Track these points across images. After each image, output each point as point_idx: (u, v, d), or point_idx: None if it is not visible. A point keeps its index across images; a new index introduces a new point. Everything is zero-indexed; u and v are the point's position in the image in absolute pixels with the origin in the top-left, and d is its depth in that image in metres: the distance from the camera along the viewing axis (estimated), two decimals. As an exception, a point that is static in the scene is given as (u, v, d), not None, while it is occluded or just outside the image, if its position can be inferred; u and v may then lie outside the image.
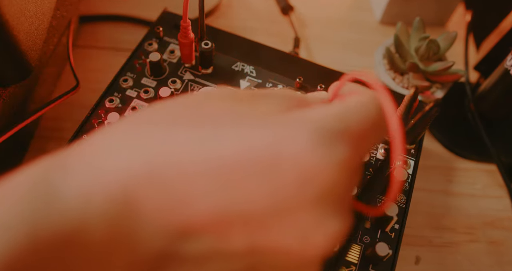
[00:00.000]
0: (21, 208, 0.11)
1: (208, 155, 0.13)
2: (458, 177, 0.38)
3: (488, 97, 0.39)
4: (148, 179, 0.12)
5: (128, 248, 0.12)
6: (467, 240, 0.35)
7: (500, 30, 0.41)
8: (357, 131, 0.14)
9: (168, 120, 0.14)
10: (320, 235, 0.13)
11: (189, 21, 0.30)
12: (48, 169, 0.13)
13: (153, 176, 0.12)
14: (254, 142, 0.13)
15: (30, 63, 0.31)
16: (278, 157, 0.13)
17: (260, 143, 0.13)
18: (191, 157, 0.12)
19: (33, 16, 0.31)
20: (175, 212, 0.12)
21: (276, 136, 0.13)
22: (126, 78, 0.32)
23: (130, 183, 0.12)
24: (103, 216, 0.12)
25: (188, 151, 0.13)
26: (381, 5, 0.46)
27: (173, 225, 0.12)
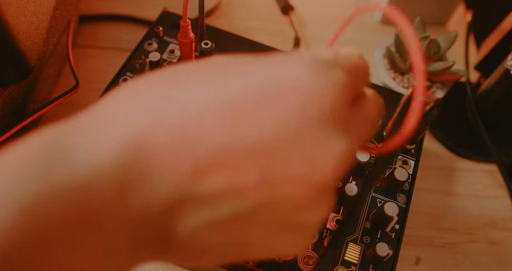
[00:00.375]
0: (36, 162, 0.12)
1: (214, 94, 0.13)
2: (458, 177, 0.38)
3: (489, 97, 0.39)
4: (157, 125, 0.13)
5: (142, 192, 0.12)
6: (467, 240, 0.35)
7: (501, 30, 0.40)
8: (349, 65, 0.15)
9: (180, 74, 0.14)
10: (328, 156, 0.13)
11: (189, 21, 0.30)
12: (60, 132, 0.13)
13: (162, 121, 0.13)
14: (256, 78, 0.14)
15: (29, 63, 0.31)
16: (279, 86, 0.13)
17: (261, 78, 0.14)
18: (197, 99, 0.13)
19: (33, 16, 0.31)
20: (186, 153, 0.13)
21: (276, 70, 0.14)
22: (126, 78, 0.32)
23: (140, 132, 0.13)
24: (114, 163, 0.12)
25: (196, 94, 0.13)
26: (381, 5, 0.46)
27: (185, 166, 0.13)
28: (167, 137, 0.13)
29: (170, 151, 0.13)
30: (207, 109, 0.13)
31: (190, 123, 0.13)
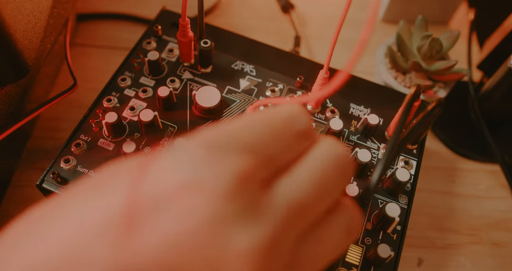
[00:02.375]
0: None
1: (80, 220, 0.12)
2: (461, 177, 0.38)
3: (492, 97, 0.38)
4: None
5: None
6: (470, 241, 0.35)
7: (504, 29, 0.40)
8: (254, 143, 0.12)
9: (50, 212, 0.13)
10: (234, 257, 0.11)
11: (188, 20, 0.29)
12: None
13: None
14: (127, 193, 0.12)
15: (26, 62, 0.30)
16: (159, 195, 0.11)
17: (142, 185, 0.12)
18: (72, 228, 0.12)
19: (30, 15, 0.30)
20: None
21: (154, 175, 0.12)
22: (124, 78, 0.31)
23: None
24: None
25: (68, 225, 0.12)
26: (383, 3, 0.46)
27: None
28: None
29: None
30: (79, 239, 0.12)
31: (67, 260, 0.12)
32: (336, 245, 0.14)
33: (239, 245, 0.11)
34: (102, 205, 0.12)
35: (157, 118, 0.29)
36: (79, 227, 0.12)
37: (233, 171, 0.12)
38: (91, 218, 0.12)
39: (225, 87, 0.32)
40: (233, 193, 0.11)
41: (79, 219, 0.12)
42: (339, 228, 0.14)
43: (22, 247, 0.12)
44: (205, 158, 0.12)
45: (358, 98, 0.32)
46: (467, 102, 0.41)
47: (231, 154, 0.12)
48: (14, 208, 0.33)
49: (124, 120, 0.30)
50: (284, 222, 0.12)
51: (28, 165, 0.35)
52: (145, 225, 0.11)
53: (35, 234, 0.13)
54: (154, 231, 0.11)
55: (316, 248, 0.13)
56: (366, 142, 0.30)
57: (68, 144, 0.28)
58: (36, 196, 0.33)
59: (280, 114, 0.13)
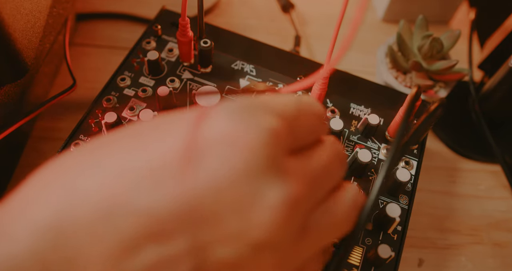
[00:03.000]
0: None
1: (130, 161, 0.12)
2: (462, 177, 0.38)
3: (493, 97, 0.38)
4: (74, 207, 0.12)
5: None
6: (471, 242, 0.35)
7: (505, 28, 0.40)
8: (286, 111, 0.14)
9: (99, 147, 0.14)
10: (263, 209, 0.12)
11: (188, 19, 0.29)
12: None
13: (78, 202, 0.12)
14: (174, 138, 0.13)
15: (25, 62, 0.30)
16: (200, 143, 0.12)
17: (179, 137, 0.13)
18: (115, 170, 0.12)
19: (29, 14, 0.30)
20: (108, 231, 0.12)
21: (195, 125, 0.13)
22: (124, 77, 0.31)
23: (57, 216, 0.12)
24: (32, 253, 0.11)
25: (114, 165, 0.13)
26: (384, 3, 0.46)
27: (110, 246, 0.12)
28: (85, 217, 0.12)
29: (90, 232, 0.12)
30: (124, 178, 0.12)
31: (108, 196, 0.12)
32: (343, 219, 0.15)
33: (270, 198, 0.12)
34: (159, 147, 0.13)
35: (157, 118, 0.29)
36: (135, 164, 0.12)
37: (271, 129, 0.13)
38: (146, 159, 0.12)
39: (225, 87, 0.32)
40: (268, 149, 0.13)
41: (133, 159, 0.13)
42: (346, 203, 0.15)
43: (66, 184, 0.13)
44: (248, 114, 0.13)
45: (359, 98, 0.32)
46: (467, 102, 0.41)
47: (270, 115, 0.13)
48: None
49: (124, 120, 0.30)
50: (305, 187, 0.13)
51: (28, 165, 0.34)
52: (195, 169, 0.12)
53: (86, 167, 0.13)
54: (201, 176, 0.12)
55: (326, 219, 0.15)
56: (366, 141, 0.30)
57: (67, 144, 0.28)
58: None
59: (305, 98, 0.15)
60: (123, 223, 0.12)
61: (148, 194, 0.12)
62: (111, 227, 0.12)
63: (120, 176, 0.12)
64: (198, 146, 0.12)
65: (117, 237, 0.12)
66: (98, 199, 0.12)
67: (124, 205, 0.12)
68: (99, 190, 0.12)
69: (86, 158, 0.13)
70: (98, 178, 0.12)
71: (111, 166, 0.13)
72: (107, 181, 0.12)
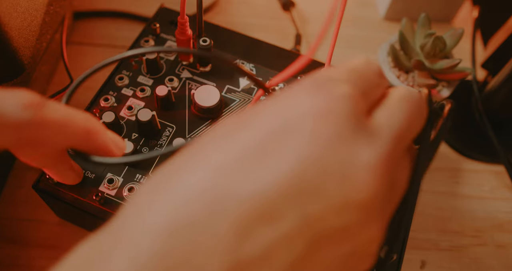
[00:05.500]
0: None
1: (227, 152, 0.13)
2: (465, 178, 0.37)
3: (496, 96, 0.38)
4: (186, 204, 0.12)
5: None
6: (474, 243, 0.34)
7: (508, 27, 0.39)
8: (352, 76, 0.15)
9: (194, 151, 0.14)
10: (359, 170, 0.13)
11: (187, 17, 0.29)
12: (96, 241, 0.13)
13: (188, 200, 0.13)
14: (262, 123, 0.14)
15: (22, 61, 0.30)
16: (287, 121, 0.13)
17: (267, 120, 0.14)
18: (214, 163, 0.13)
19: (25, 12, 0.30)
20: (222, 220, 0.12)
21: (280, 107, 0.14)
22: (122, 77, 0.31)
23: (170, 219, 0.12)
24: (152, 255, 0.12)
25: (212, 160, 0.13)
26: (386, 1, 0.45)
27: (226, 234, 0.12)
28: (195, 213, 0.12)
29: (202, 226, 0.12)
30: (222, 168, 0.13)
31: (210, 189, 0.13)
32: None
33: (365, 159, 0.13)
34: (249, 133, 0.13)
35: (155, 118, 0.28)
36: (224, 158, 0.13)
37: (347, 95, 0.14)
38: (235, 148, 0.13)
39: (224, 87, 0.31)
40: (351, 114, 0.13)
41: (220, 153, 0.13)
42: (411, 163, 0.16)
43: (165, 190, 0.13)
44: (322, 87, 0.14)
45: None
46: (471, 102, 0.41)
47: (341, 83, 0.14)
48: (10, 209, 0.32)
49: (122, 120, 0.29)
50: (391, 144, 0.14)
51: (24, 165, 0.34)
52: (290, 146, 0.13)
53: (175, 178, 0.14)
54: (297, 151, 0.13)
55: (404, 173, 0.15)
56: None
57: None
58: (32, 197, 0.32)
59: (360, 60, 0.16)
60: (232, 212, 0.12)
61: (250, 178, 0.12)
62: (221, 217, 0.12)
63: (217, 168, 0.13)
64: (286, 126, 0.13)
65: (229, 226, 0.12)
66: (202, 194, 0.13)
67: (229, 193, 0.12)
68: (201, 186, 0.13)
69: (181, 160, 0.14)
70: (199, 174, 0.13)
71: (207, 160, 0.13)
72: (206, 174, 0.13)
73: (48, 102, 0.18)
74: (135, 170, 0.27)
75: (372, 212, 0.13)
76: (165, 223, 0.12)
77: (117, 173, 0.27)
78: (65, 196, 0.26)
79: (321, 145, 0.13)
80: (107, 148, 0.21)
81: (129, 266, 0.12)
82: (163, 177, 0.14)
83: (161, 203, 0.13)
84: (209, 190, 0.13)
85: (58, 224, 0.32)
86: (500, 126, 0.39)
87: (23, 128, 0.17)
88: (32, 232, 0.31)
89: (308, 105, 0.13)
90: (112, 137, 0.21)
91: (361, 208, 0.13)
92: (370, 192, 0.13)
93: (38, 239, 0.31)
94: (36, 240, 0.31)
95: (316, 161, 0.13)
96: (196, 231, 0.12)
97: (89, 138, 0.20)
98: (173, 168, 0.14)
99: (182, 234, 0.12)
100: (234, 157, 0.13)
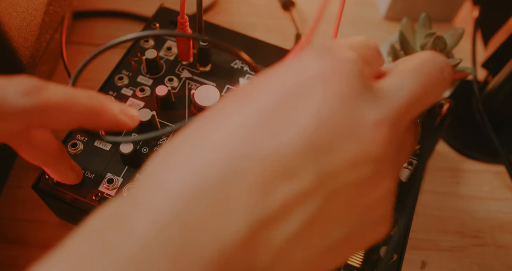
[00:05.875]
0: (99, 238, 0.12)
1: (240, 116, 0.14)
2: (465, 178, 0.37)
3: (497, 96, 0.38)
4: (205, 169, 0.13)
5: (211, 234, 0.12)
6: (475, 243, 0.34)
7: (509, 27, 0.39)
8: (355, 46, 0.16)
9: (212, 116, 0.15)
10: (369, 125, 0.14)
11: (187, 17, 0.29)
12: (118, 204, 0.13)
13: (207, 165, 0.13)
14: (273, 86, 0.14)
15: (21, 61, 0.30)
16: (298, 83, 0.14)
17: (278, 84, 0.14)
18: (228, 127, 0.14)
19: (25, 12, 0.30)
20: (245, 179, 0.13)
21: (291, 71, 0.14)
22: (122, 76, 0.31)
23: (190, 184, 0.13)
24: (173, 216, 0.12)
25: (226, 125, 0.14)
26: (386, 1, 0.45)
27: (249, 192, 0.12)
28: (214, 175, 0.13)
29: (222, 187, 0.12)
30: (239, 131, 0.13)
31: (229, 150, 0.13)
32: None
33: (373, 116, 0.14)
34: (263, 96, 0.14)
35: (155, 118, 0.28)
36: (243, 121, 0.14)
37: (353, 59, 0.15)
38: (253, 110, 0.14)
39: (224, 86, 0.31)
40: (358, 75, 0.14)
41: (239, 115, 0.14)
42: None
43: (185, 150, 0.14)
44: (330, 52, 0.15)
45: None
46: (471, 102, 0.40)
47: (347, 49, 0.15)
48: (9, 209, 0.32)
49: (121, 120, 0.29)
50: (397, 110, 0.15)
51: (23, 165, 0.34)
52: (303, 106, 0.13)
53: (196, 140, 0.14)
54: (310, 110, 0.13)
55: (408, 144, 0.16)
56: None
57: (64, 144, 0.28)
58: (31, 197, 0.32)
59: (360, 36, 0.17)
60: (253, 171, 0.13)
61: (269, 138, 0.13)
62: (242, 177, 0.13)
63: (236, 130, 0.13)
64: (298, 87, 0.14)
65: (250, 185, 0.12)
66: (222, 155, 0.13)
67: (249, 153, 0.13)
68: (220, 147, 0.13)
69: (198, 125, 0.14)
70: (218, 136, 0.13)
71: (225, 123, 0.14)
72: (225, 136, 0.13)
73: (48, 85, 0.18)
74: (135, 170, 0.27)
75: (382, 165, 0.14)
76: (184, 185, 0.13)
77: (117, 173, 0.27)
78: (65, 196, 0.26)
79: (331, 104, 0.13)
80: (118, 121, 0.20)
81: (150, 228, 0.12)
82: (179, 142, 0.14)
83: (180, 166, 0.13)
84: (229, 151, 0.13)
85: (57, 224, 0.32)
86: (501, 126, 0.39)
87: (27, 115, 0.17)
88: (32, 232, 0.31)
89: (317, 68, 0.14)
90: (121, 109, 0.21)
91: (372, 161, 0.14)
92: (380, 146, 0.14)
93: (38, 239, 0.31)
94: (36, 240, 0.31)
95: (328, 119, 0.13)
96: (217, 192, 0.12)
97: (96, 115, 0.19)
98: (190, 132, 0.14)
99: (203, 195, 0.12)
100: (252, 118, 0.13)
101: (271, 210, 0.12)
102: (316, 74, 0.14)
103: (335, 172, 0.13)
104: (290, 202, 0.13)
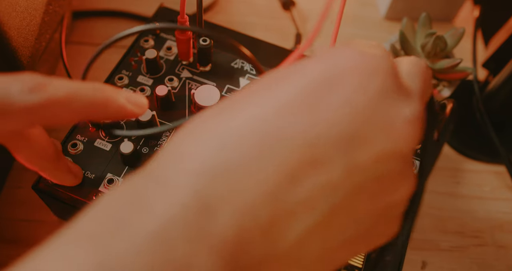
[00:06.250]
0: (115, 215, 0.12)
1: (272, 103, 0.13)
2: (466, 178, 0.37)
3: (497, 96, 0.38)
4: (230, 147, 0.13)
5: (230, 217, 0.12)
6: (475, 244, 0.34)
7: (509, 26, 0.39)
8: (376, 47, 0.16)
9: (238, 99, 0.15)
10: (403, 123, 0.14)
11: (187, 17, 0.29)
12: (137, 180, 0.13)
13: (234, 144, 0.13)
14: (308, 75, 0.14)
15: (21, 61, 0.30)
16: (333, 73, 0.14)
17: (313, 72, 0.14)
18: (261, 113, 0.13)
19: (24, 12, 0.30)
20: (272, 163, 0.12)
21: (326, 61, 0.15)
22: (122, 76, 0.31)
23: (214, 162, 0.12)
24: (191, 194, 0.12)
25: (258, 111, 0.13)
26: (386, 0, 0.45)
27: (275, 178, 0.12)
28: (240, 157, 0.12)
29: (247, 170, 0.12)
30: (274, 112, 0.13)
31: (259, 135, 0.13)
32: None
33: (406, 113, 0.14)
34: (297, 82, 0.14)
35: (155, 118, 0.28)
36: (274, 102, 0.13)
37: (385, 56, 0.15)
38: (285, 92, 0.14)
39: (224, 86, 0.31)
40: (392, 73, 0.14)
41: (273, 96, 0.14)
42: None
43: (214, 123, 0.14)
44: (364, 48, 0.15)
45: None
46: (472, 102, 0.40)
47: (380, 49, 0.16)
48: (9, 210, 0.32)
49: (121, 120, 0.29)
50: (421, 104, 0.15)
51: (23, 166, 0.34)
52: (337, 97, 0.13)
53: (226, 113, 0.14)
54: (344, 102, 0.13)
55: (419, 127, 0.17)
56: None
57: (64, 144, 0.28)
58: (31, 197, 0.32)
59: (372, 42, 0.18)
60: (281, 156, 0.12)
61: (300, 124, 0.13)
62: (269, 161, 0.12)
63: (267, 112, 0.13)
64: (334, 78, 0.14)
65: (277, 170, 0.12)
66: (249, 137, 0.13)
67: (279, 137, 0.13)
68: (249, 131, 0.13)
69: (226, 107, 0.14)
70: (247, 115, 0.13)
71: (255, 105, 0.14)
72: (255, 118, 0.13)
73: (52, 81, 0.18)
74: (135, 170, 0.27)
75: (408, 163, 0.14)
76: (206, 165, 0.12)
77: (117, 173, 0.27)
78: (65, 196, 0.26)
79: (367, 97, 0.13)
80: (125, 111, 0.20)
81: (170, 205, 0.12)
82: (200, 122, 0.14)
83: (202, 146, 0.13)
84: (257, 134, 0.13)
85: (57, 224, 0.32)
86: (501, 126, 0.39)
87: (33, 111, 0.17)
88: (32, 232, 0.31)
89: (355, 61, 0.14)
90: (128, 98, 0.20)
91: (402, 158, 0.14)
92: (409, 144, 0.14)
93: (38, 239, 0.31)
94: (35, 240, 0.31)
95: (363, 111, 0.13)
96: (241, 174, 0.12)
97: (102, 107, 0.19)
98: (214, 113, 0.14)
99: (226, 176, 0.12)
100: (284, 102, 0.13)
101: (295, 199, 0.12)
102: (355, 67, 0.14)
103: (364, 164, 0.13)
104: (316, 192, 0.12)
